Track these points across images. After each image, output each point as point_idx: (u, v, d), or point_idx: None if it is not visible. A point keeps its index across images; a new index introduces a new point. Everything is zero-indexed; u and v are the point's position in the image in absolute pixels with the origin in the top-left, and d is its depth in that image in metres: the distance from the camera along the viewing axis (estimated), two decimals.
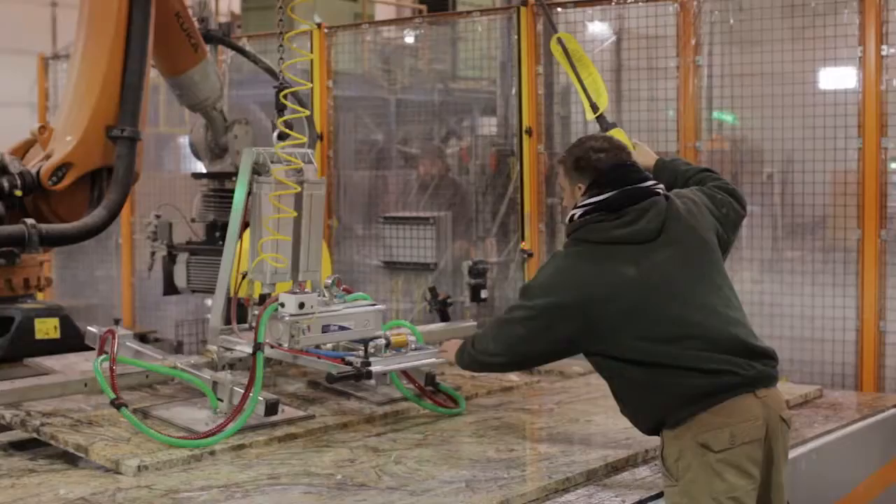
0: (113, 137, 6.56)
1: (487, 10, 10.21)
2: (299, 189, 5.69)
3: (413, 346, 5.60)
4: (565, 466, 4.91)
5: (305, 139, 5.91)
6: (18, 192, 6.46)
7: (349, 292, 5.77)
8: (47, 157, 6.56)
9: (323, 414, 5.66)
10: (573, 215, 4.58)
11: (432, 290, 8.72)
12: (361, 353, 5.41)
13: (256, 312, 5.49)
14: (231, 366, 5.73)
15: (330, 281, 5.63)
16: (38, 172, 6.49)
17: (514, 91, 8.78)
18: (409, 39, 10.69)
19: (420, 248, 9.22)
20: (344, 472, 4.78)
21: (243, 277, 5.77)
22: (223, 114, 8.12)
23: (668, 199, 4.57)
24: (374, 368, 5.37)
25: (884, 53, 7.32)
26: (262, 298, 5.59)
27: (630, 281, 4.37)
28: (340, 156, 9.90)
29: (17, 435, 5.33)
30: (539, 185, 8.60)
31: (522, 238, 8.49)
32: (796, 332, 7.56)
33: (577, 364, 7.41)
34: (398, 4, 18.57)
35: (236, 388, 5.27)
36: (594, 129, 8.61)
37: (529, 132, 8.55)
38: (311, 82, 9.82)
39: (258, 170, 5.71)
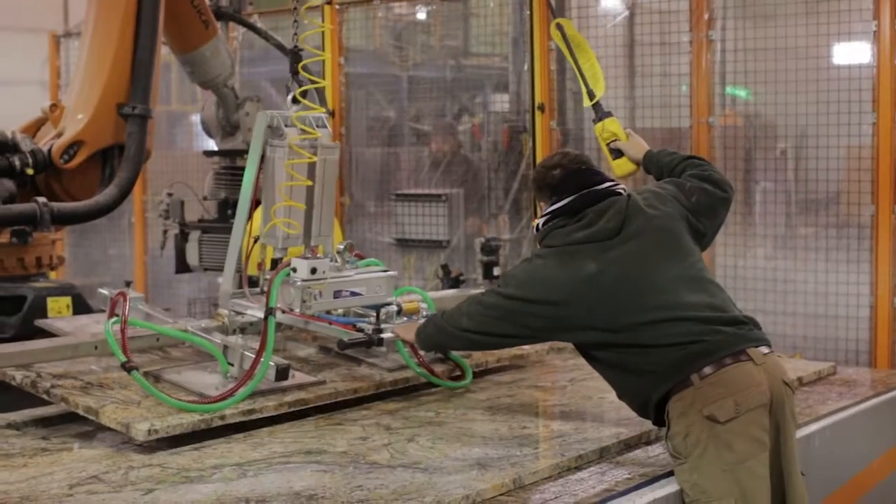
0: (124, 115, 6.54)
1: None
2: (314, 159, 5.64)
3: (424, 313, 5.62)
4: (578, 444, 4.89)
5: (321, 109, 5.87)
6: (30, 171, 6.45)
7: (361, 258, 5.77)
8: (58, 135, 6.55)
9: (333, 380, 5.62)
10: (537, 225, 4.78)
11: (444, 267, 8.71)
12: (373, 319, 5.42)
13: (268, 277, 5.46)
14: (242, 330, 5.71)
15: (342, 246, 5.59)
16: (49, 150, 6.47)
17: (526, 67, 8.75)
18: (421, 16, 10.65)
19: (432, 226, 9.21)
20: (356, 450, 4.76)
21: (255, 242, 5.75)
22: (234, 91, 8.10)
23: (629, 196, 4.72)
24: (386, 336, 5.38)
25: None
26: (274, 263, 5.57)
27: (591, 277, 4.50)
28: (352, 133, 9.89)
29: (31, 414, 5.33)
30: None
31: (535, 215, 8.45)
32: (810, 309, 7.54)
33: None
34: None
35: (247, 353, 5.20)
36: (606, 104, 8.62)
37: (542, 108, 8.52)
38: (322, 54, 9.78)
39: (272, 133, 5.66)
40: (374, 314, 5.45)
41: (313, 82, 5.83)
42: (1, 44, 16.33)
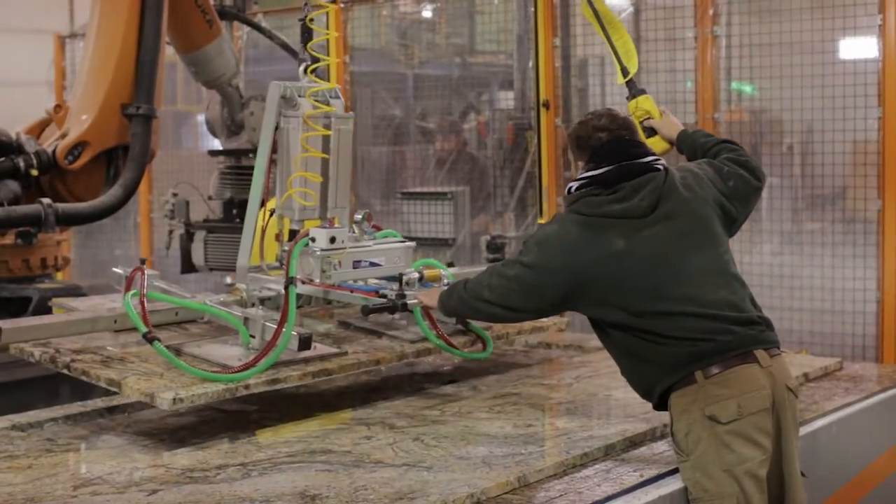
0: (128, 115, 6.56)
1: None
2: (328, 133, 5.60)
3: (445, 281, 5.56)
4: (583, 441, 4.88)
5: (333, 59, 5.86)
6: (35, 172, 6.47)
7: (378, 229, 5.71)
8: (63, 135, 6.56)
9: (355, 351, 5.52)
10: (570, 188, 4.63)
11: (450, 265, 8.70)
12: (396, 286, 5.37)
13: (286, 248, 5.40)
14: (262, 302, 5.60)
15: (360, 216, 5.54)
16: (53, 151, 6.49)
17: (531, 64, 8.73)
18: (427, 13, 10.66)
19: (438, 224, 9.21)
20: (360, 449, 4.75)
21: (271, 215, 5.70)
22: (239, 90, 8.10)
23: (667, 172, 4.58)
24: (410, 301, 5.32)
25: None
26: (292, 235, 5.53)
27: (617, 254, 4.41)
28: (358, 131, 9.86)
29: (36, 416, 5.33)
30: (557, 158, 8.55)
31: (541, 212, 8.45)
32: (816, 304, 7.53)
33: (596, 339, 7.40)
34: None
35: (268, 324, 5.11)
36: (613, 100, 8.62)
37: (547, 105, 8.51)
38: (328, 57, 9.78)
39: (285, 104, 5.60)
40: (397, 280, 5.39)
41: (320, 81, 5.79)
42: (7, 45, 16.38)
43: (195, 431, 5.12)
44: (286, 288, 5.06)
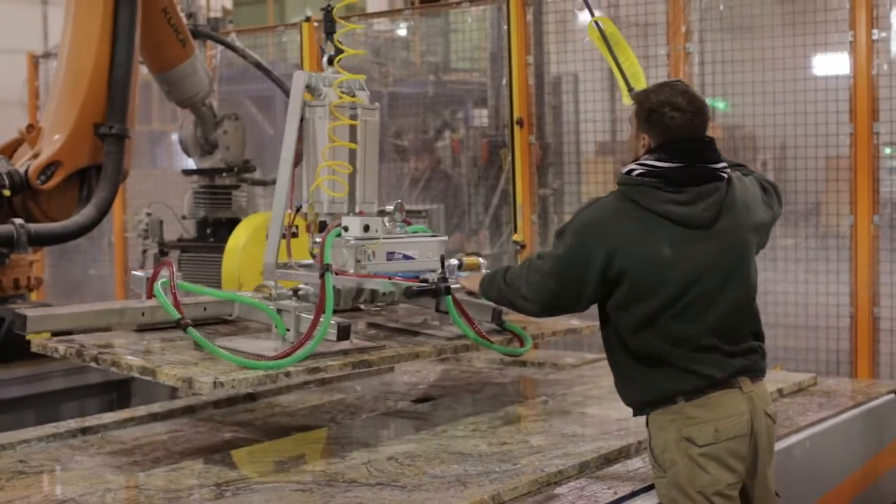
0: (101, 135, 6.54)
1: (477, 1, 10.18)
2: (356, 123, 5.46)
3: (484, 269, 5.33)
4: (558, 459, 4.88)
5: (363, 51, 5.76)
6: (7, 192, 6.45)
7: (408, 224, 5.51)
8: (35, 155, 6.54)
9: (393, 346, 5.27)
10: (632, 170, 4.26)
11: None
12: (437, 271, 5.17)
13: (318, 240, 5.20)
14: (297, 293, 5.25)
15: (392, 207, 5.35)
16: (26, 171, 6.47)
17: (504, 82, 8.75)
18: (401, 32, 10.67)
19: None
20: (334, 468, 4.75)
21: (297, 211, 5.50)
22: (213, 109, 8.10)
23: (729, 183, 4.31)
24: (454, 285, 5.13)
25: (875, 38, 7.29)
26: (322, 226, 5.36)
27: (662, 261, 4.17)
28: None
29: (8, 438, 5.31)
30: (531, 175, 8.57)
31: (515, 230, 8.46)
32: (790, 320, 7.54)
33: (570, 356, 7.42)
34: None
35: (303, 315, 4.89)
36: (587, 117, 8.64)
37: (521, 123, 8.52)
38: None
39: (310, 94, 5.44)
40: (439, 264, 5.18)
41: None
42: None
43: (169, 452, 5.11)
44: (322, 276, 4.84)
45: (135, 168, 6.83)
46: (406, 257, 5.27)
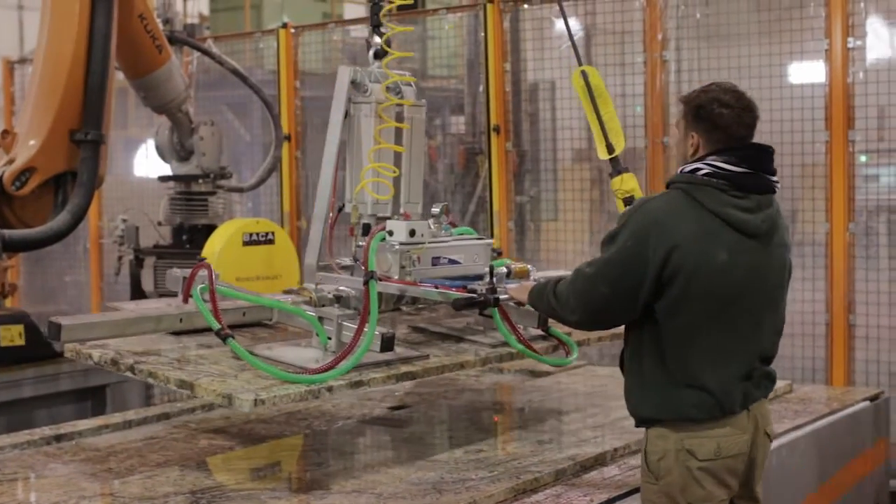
0: (77, 141, 6.51)
1: (454, 8, 10.19)
2: (405, 126, 5.28)
3: (533, 276, 5.12)
4: (534, 466, 4.88)
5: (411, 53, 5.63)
6: None
7: (454, 225, 5.35)
8: (10, 161, 6.51)
9: (437, 355, 5.01)
10: (696, 170, 4.12)
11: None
12: (486, 280, 4.87)
13: (361, 244, 5.07)
14: (338, 299, 5.02)
15: (437, 209, 5.13)
16: (0, 177, 6.43)
17: (481, 89, 8.75)
18: (378, 38, 10.63)
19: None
20: (311, 476, 4.74)
21: (339, 210, 5.32)
22: (189, 115, 8.08)
23: (774, 202, 4.27)
24: (503, 296, 4.82)
25: (850, 46, 7.33)
26: (366, 229, 5.16)
27: (718, 265, 4.05)
28: (308, 157, 9.86)
29: None
30: (508, 182, 8.58)
31: (491, 236, 8.45)
32: None
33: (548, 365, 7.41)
34: (367, 3, 18.49)
35: (346, 323, 4.66)
36: (564, 124, 8.66)
37: (497, 130, 8.53)
38: (279, 82, 9.80)
39: (355, 90, 5.24)
40: (488, 273, 4.88)
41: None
42: None
43: (144, 459, 5.08)
44: (366, 284, 4.64)
45: (110, 174, 6.79)
46: (451, 262, 5.11)
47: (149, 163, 11.16)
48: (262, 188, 9.14)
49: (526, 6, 8.59)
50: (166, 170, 8.50)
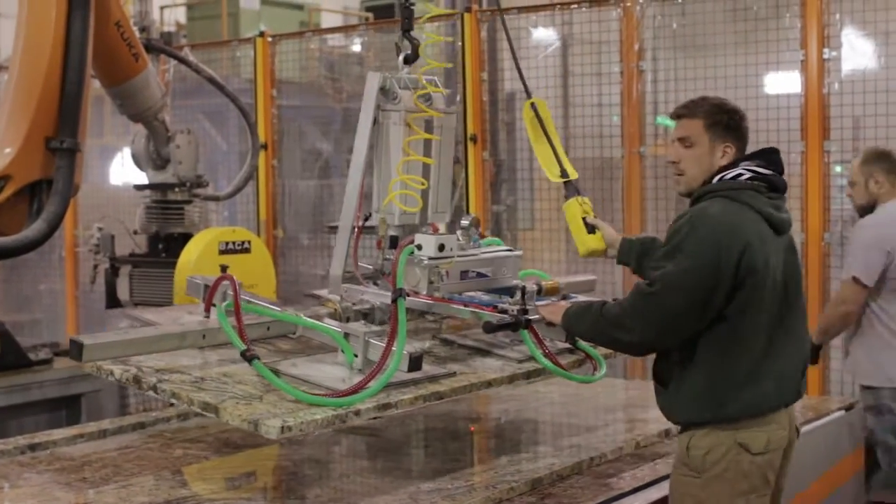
0: (52, 149, 6.47)
1: (432, 17, 10.18)
2: (435, 137, 5.08)
3: (563, 292, 5.08)
4: (511, 475, 4.87)
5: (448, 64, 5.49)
6: None
7: (482, 236, 5.21)
8: None
9: (463, 371, 4.80)
10: (738, 175, 4.27)
11: None
12: (517, 299, 4.74)
13: (389, 257, 4.91)
14: (366, 316, 4.95)
15: (467, 221, 5.03)
16: None
17: (458, 98, 8.76)
18: (355, 47, 10.66)
19: (366, 258, 9.15)
20: (286, 485, 4.73)
21: (366, 219, 5.10)
22: (165, 124, 8.06)
23: None
24: (534, 317, 4.71)
25: (826, 57, 7.36)
26: (393, 241, 4.99)
27: (770, 265, 4.20)
28: (285, 165, 9.86)
29: None
30: (485, 192, 8.58)
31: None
32: None
33: None
34: (344, 13, 18.54)
35: (372, 340, 4.47)
36: None
37: (474, 139, 8.54)
38: (255, 91, 9.79)
39: (384, 97, 5.03)
40: (519, 293, 4.74)
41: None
42: None
43: (119, 469, 5.06)
44: (394, 301, 4.43)
45: (85, 182, 6.77)
46: (479, 275, 4.99)
47: (125, 171, 11.14)
48: (238, 197, 9.13)
49: (504, 16, 8.60)
50: (142, 178, 8.48)
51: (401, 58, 5.18)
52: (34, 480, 4.88)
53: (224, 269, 4.64)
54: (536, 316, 4.72)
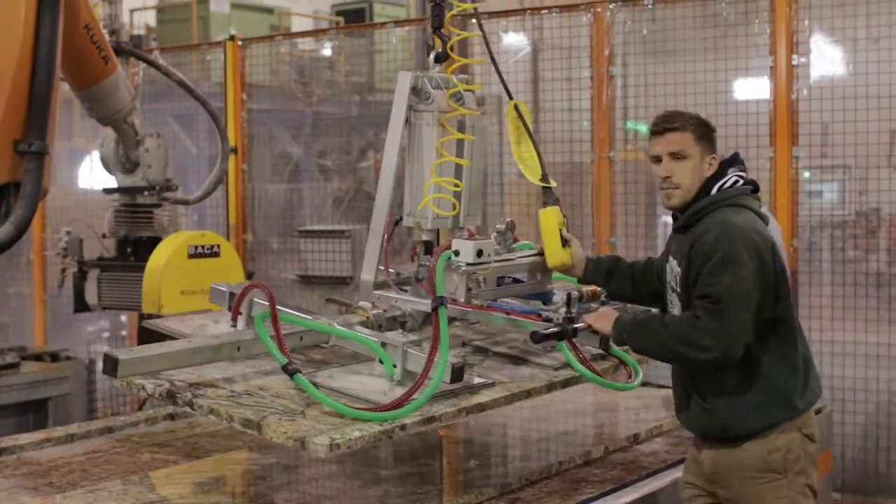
0: (20, 152, 6.44)
1: (402, 22, 10.21)
2: (470, 138, 4.89)
3: (604, 297, 4.90)
4: (479, 480, 4.88)
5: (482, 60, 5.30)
6: None
7: (515, 240, 5.06)
8: None
9: (501, 381, 4.66)
10: (734, 182, 4.38)
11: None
12: (561, 307, 4.56)
13: (424, 263, 4.76)
14: (403, 325, 4.80)
15: (503, 226, 4.92)
16: None
17: None
18: (326, 52, 10.66)
19: (336, 262, 9.18)
20: (255, 490, 4.72)
21: (396, 224, 4.93)
22: (134, 127, 8.02)
23: None
24: (580, 325, 4.54)
25: (794, 63, 7.39)
26: (427, 247, 4.84)
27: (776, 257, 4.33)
28: (255, 169, 9.84)
29: None
30: None
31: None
32: None
33: None
34: (314, 17, 18.52)
35: (411, 350, 4.32)
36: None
37: None
38: (225, 95, 9.77)
39: (416, 97, 4.87)
40: (564, 301, 4.56)
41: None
42: None
43: (86, 473, 5.04)
44: (435, 310, 4.33)
45: (54, 186, 6.73)
46: (515, 281, 4.87)
47: (93, 174, 11.10)
48: (208, 201, 9.10)
49: (473, 21, 8.60)
50: (111, 182, 8.44)
51: (431, 56, 5.02)
52: (1, 485, 4.86)
53: (250, 275, 4.45)
54: (582, 325, 4.56)
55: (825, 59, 7.54)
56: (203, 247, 7.54)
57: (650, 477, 5.12)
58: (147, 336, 5.81)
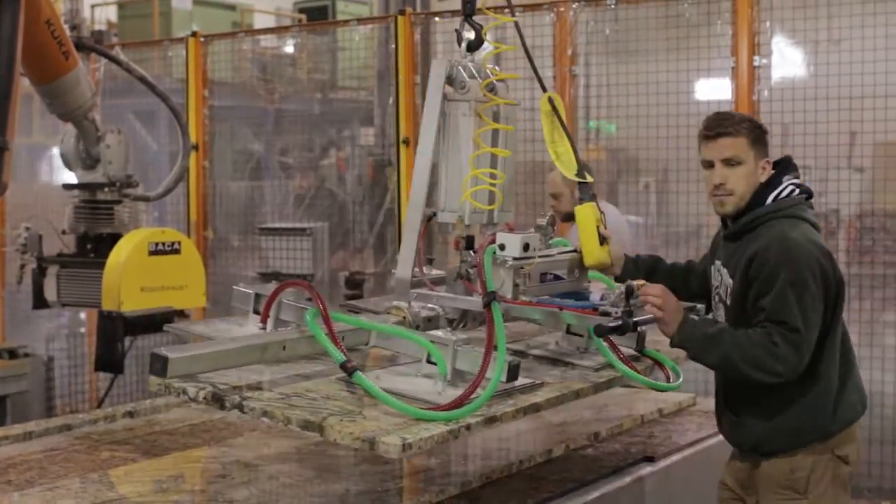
0: None
1: (365, 20, 10.20)
2: (510, 128, 4.69)
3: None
4: (441, 479, 4.87)
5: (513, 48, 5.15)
6: None
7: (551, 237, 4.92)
8: None
9: (547, 381, 4.48)
10: (791, 192, 4.29)
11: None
12: (619, 300, 4.39)
13: (467, 259, 4.59)
14: (450, 323, 4.68)
15: (544, 221, 4.75)
16: None
17: (391, 101, 8.76)
18: (288, 49, 10.65)
19: (297, 259, 9.16)
20: (215, 488, 4.69)
21: (429, 219, 4.65)
22: (95, 123, 7.98)
23: None
24: (640, 318, 4.40)
25: (756, 64, 7.44)
26: (468, 241, 4.65)
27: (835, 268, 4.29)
28: (216, 166, 9.81)
29: None
30: None
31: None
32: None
33: None
34: (277, 14, 18.48)
35: (460, 348, 4.13)
36: None
37: (407, 142, 8.53)
38: (187, 91, 9.73)
39: (452, 86, 4.63)
40: (623, 294, 4.37)
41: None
42: None
43: (45, 471, 5.00)
44: (487, 306, 4.18)
45: (13, 181, 6.69)
46: (556, 277, 4.76)
47: (53, 170, 11.04)
48: (168, 197, 9.06)
49: (437, 19, 8.61)
50: (71, 178, 8.39)
51: (463, 45, 4.77)
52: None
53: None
54: (644, 317, 4.41)
55: (786, 60, 7.59)
56: (164, 244, 7.51)
57: (611, 476, 5.14)
58: (107, 331, 5.78)
